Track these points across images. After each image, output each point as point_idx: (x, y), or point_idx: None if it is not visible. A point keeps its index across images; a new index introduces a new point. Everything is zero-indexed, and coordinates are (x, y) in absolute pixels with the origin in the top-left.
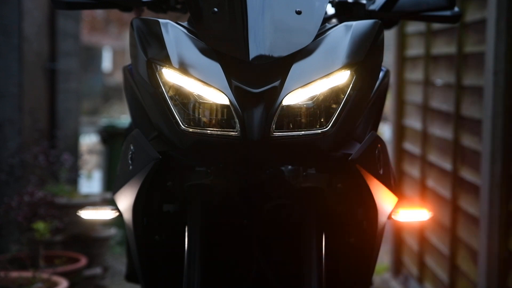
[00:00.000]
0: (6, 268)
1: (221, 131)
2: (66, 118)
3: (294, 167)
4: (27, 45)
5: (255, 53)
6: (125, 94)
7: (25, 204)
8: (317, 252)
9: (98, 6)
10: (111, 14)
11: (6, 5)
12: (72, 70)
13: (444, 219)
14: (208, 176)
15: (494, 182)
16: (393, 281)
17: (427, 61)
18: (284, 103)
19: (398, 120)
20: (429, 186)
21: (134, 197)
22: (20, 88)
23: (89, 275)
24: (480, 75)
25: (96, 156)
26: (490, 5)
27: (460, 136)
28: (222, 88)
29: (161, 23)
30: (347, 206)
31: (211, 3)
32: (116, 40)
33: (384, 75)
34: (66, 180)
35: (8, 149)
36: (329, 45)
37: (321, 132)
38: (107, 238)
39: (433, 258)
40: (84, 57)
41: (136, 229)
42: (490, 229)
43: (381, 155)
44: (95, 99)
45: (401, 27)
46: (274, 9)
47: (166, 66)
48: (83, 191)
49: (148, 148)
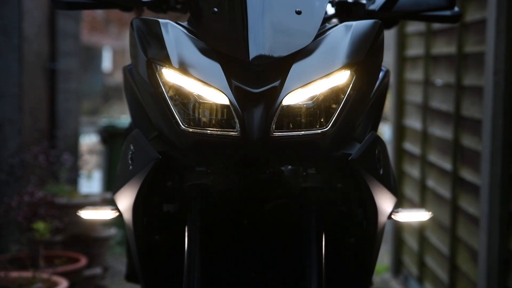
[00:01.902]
0: (6, 268)
1: (221, 131)
2: (66, 118)
3: (294, 167)
4: (27, 45)
5: (255, 53)
6: (125, 94)
7: (25, 204)
8: (317, 252)
9: (98, 6)
10: (111, 14)
11: (6, 5)
12: (72, 70)
13: (444, 219)
14: (208, 176)
15: (494, 182)
16: (393, 281)
17: (427, 61)
18: (284, 103)
19: (398, 120)
20: (429, 186)
21: (134, 197)
22: (20, 88)
23: (89, 275)
24: (480, 75)
25: (96, 156)
26: (490, 5)
27: (460, 136)
28: (222, 88)
29: (161, 23)
30: (347, 206)
31: (211, 3)
32: (116, 40)
33: (384, 75)
34: (66, 180)
35: (8, 149)
36: (329, 45)
37: (321, 132)
38: (107, 238)
39: (433, 258)
40: (84, 57)
41: (136, 229)
42: (490, 229)
43: (381, 155)
44: (95, 99)
45: (401, 27)
46: (274, 9)
47: (166, 66)
48: (83, 191)
49: (148, 148)
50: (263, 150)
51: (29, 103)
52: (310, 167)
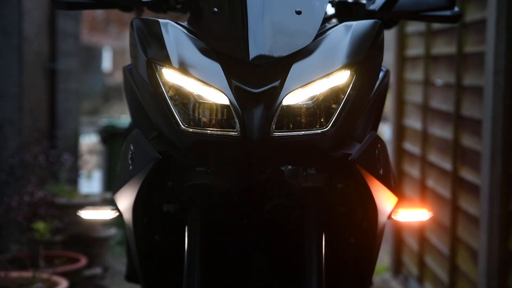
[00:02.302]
0: (6, 268)
1: (221, 131)
2: (66, 118)
3: (294, 167)
4: (27, 45)
5: (255, 53)
6: (125, 94)
7: (25, 204)
8: (317, 252)
9: (98, 6)
10: (111, 14)
11: (6, 5)
12: (72, 70)
13: (444, 219)
14: (208, 176)
15: (494, 182)
16: (393, 281)
17: (427, 61)
18: (284, 103)
19: (398, 120)
20: (429, 186)
21: (134, 197)
22: (20, 88)
23: (89, 275)
24: (480, 75)
25: (96, 156)
26: (490, 5)
27: (460, 136)
28: (222, 88)
29: (161, 23)
30: (347, 206)
31: (211, 3)
32: (116, 40)
33: (384, 75)
34: (66, 180)
35: (8, 149)
36: (329, 45)
37: (321, 132)
38: (107, 238)
39: (433, 258)
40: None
41: (136, 229)
42: (490, 229)
43: (381, 155)
44: (95, 99)
45: (401, 27)
46: (274, 9)
47: (166, 66)
48: (83, 191)
49: (148, 148)
50: (263, 150)
51: (29, 103)
52: (310, 167)
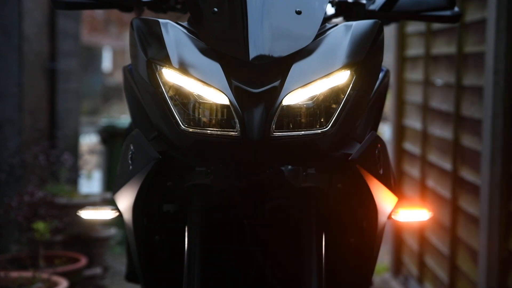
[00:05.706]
0: (6, 268)
1: (221, 131)
2: (66, 118)
3: (294, 167)
4: (27, 45)
5: (255, 53)
6: (125, 94)
7: (25, 204)
8: (317, 252)
9: (98, 6)
10: (111, 14)
11: (6, 5)
12: (72, 70)
13: (444, 219)
14: (208, 176)
15: (494, 182)
16: (393, 281)
17: (427, 61)
18: (284, 103)
19: (398, 120)
20: (429, 186)
21: (134, 197)
22: (20, 88)
23: (89, 275)
24: (480, 75)
25: (96, 156)
26: (490, 5)
27: (460, 136)
28: (222, 88)
29: (161, 23)
30: (347, 206)
31: (211, 3)
32: (116, 40)
33: (384, 75)
34: (66, 180)
35: (8, 149)
36: (329, 45)
37: (321, 132)
38: (107, 238)
39: (433, 258)
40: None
41: (136, 229)
42: (490, 229)
43: (381, 155)
44: (95, 99)
45: (401, 27)
46: (274, 10)
47: (166, 66)
48: (83, 191)
49: (148, 148)
50: (263, 150)
51: (29, 103)
52: (310, 167)
